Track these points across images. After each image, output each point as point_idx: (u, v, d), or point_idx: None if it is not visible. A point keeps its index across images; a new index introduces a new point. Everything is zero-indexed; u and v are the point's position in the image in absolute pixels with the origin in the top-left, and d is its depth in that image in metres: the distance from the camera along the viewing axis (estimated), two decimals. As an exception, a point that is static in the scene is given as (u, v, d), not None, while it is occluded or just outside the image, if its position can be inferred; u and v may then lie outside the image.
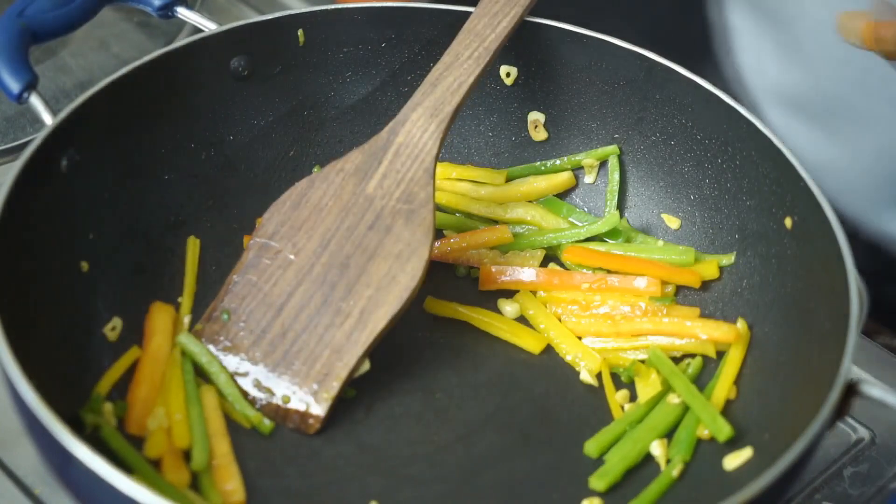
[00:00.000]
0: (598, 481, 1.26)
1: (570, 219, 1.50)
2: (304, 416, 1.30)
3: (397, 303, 1.31)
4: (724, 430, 1.27)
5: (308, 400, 1.30)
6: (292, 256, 1.35)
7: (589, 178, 1.52)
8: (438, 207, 1.52)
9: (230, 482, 1.24)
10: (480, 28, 1.43)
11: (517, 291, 1.45)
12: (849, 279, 1.19)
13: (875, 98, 1.82)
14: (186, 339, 1.33)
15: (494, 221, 1.50)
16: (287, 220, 1.37)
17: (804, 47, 1.87)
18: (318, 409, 1.30)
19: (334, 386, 1.30)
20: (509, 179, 1.53)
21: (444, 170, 1.53)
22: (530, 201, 1.52)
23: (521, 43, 1.49)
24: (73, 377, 1.26)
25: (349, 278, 1.33)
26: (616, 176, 1.50)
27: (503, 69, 1.52)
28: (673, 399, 1.32)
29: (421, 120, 1.39)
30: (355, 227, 1.35)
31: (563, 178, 1.52)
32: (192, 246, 1.43)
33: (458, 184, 1.53)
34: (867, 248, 1.89)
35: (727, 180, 1.42)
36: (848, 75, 1.81)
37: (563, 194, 1.53)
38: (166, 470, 1.23)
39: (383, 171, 1.37)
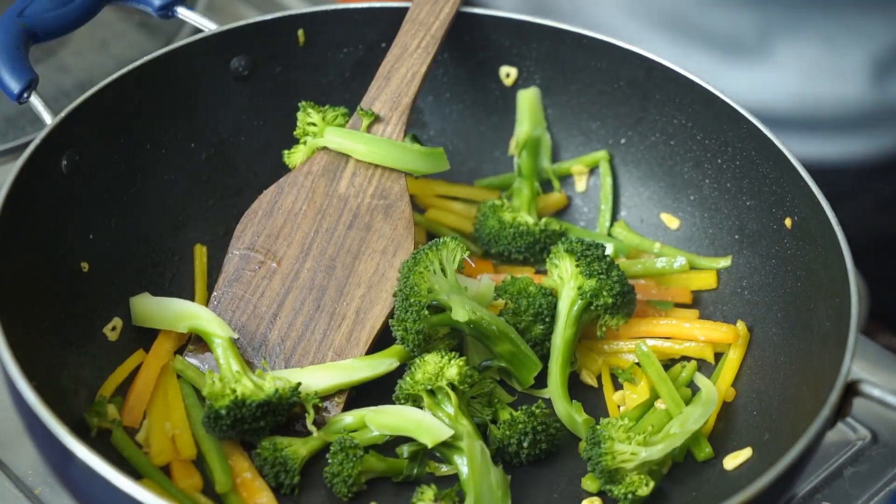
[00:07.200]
0: (592, 483, 1.26)
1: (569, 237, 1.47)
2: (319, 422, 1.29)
3: (392, 298, 1.31)
4: (703, 451, 1.27)
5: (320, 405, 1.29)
6: (275, 265, 1.34)
7: (580, 187, 1.52)
8: (432, 224, 1.51)
9: (261, 496, 1.22)
10: (424, 17, 1.43)
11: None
12: (849, 279, 1.19)
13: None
14: (181, 364, 1.31)
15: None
16: (262, 230, 1.36)
17: None
18: (331, 413, 1.29)
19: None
20: (505, 188, 1.52)
21: (438, 188, 1.52)
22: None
23: (521, 43, 1.49)
24: (73, 377, 1.26)
25: (338, 280, 1.33)
26: (608, 180, 1.49)
27: (503, 70, 1.52)
28: (659, 405, 1.31)
29: (381, 114, 1.38)
30: (334, 228, 1.35)
31: (554, 199, 1.51)
32: (200, 254, 1.42)
33: (453, 203, 1.51)
34: None
35: (727, 180, 1.42)
36: None
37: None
38: (176, 475, 1.22)
39: (352, 170, 1.37)
